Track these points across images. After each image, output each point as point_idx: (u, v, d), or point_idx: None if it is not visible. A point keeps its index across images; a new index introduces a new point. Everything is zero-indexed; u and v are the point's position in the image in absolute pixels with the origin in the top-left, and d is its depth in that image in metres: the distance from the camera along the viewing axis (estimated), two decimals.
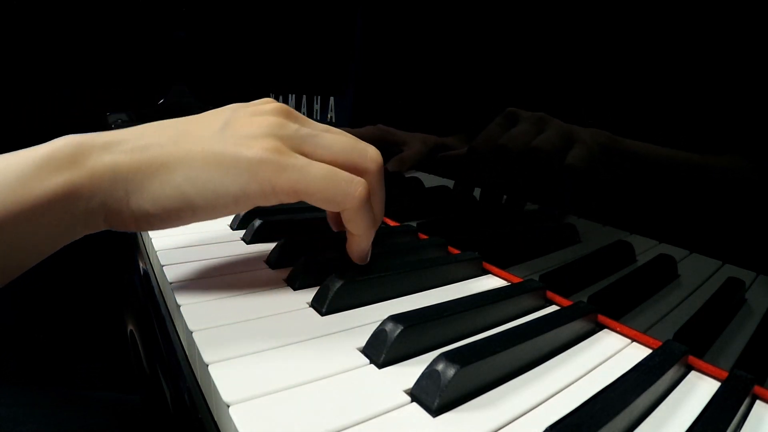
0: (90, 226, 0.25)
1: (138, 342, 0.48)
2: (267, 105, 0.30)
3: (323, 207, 0.28)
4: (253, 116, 0.28)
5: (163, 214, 0.26)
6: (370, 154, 0.30)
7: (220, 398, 0.21)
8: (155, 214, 0.26)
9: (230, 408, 0.21)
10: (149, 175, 0.25)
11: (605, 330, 0.31)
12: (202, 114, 0.30)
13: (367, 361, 0.25)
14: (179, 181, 0.25)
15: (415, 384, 0.23)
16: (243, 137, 0.26)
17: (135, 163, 0.25)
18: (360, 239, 0.31)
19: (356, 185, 0.28)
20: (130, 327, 0.54)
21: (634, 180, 0.32)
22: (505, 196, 0.43)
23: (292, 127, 0.28)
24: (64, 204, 0.24)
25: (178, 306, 0.30)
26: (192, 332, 0.27)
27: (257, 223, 0.42)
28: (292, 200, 0.27)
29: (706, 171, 0.28)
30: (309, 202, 0.28)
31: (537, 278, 0.36)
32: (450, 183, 0.51)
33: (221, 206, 0.26)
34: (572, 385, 0.25)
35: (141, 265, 0.49)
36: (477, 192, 0.47)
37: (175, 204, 0.25)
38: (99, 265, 0.87)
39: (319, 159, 0.28)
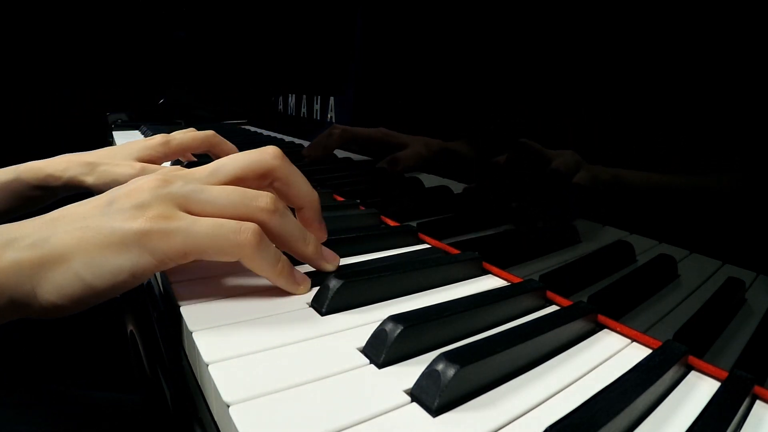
0: (1, 319, 0.26)
1: (138, 342, 0.47)
2: (149, 176, 0.30)
3: (218, 260, 0.29)
4: (138, 186, 0.29)
5: (68, 302, 0.26)
6: (260, 204, 0.30)
7: (220, 398, 0.21)
8: (61, 304, 0.26)
9: (230, 408, 0.21)
10: (50, 268, 0.26)
11: (605, 330, 0.31)
12: (90, 198, 0.31)
13: (367, 361, 0.25)
14: (77, 268, 0.26)
15: (415, 384, 0.23)
16: (129, 209, 0.27)
17: (36, 259, 0.26)
18: (272, 280, 0.31)
19: (244, 233, 0.28)
20: (130, 327, 0.54)
21: (634, 182, 0.32)
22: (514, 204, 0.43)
23: (176, 185, 0.29)
24: None
25: (179, 306, 0.30)
26: (192, 332, 0.27)
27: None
28: (187, 261, 0.28)
29: (706, 171, 0.28)
30: (204, 258, 0.28)
31: (537, 278, 0.36)
32: (450, 183, 0.52)
33: (120, 284, 0.27)
34: (572, 385, 0.25)
35: None
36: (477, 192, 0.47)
37: (77, 291, 0.26)
38: None
39: (207, 215, 0.29)
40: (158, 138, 0.54)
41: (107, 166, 0.50)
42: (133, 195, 0.28)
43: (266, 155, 0.32)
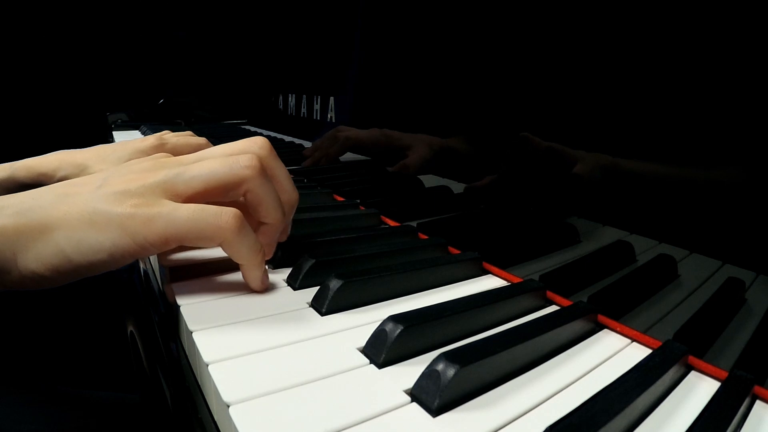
0: None
1: (138, 342, 0.48)
2: (143, 161, 0.31)
3: (200, 245, 0.30)
4: (127, 173, 0.30)
5: (47, 272, 0.27)
6: (242, 161, 0.30)
7: (220, 398, 0.21)
8: (41, 274, 0.27)
9: (230, 408, 0.21)
10: (32, 237, 0.27)
11: (605, 330, 0.31)
12: (84, 177, 0.32)
13: (367, 361, 0.25)
14: (58, 240, 0.27)
15: (415, 384, 0.23)
16: (116, 194, 0.28)
17: (20, 226, 0.27)
18: (248, 267, 0.31)
19: (225, 217, 0.28)
20: (130, 327, 0.54)
21: (634, 182, 0.32)
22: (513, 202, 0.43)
23: (162, 173, 0.30)
24: None
25: (179, 306, 0.30)
26: (192, 332, 0.27)
27: None
28: (167, 248, 0.29)
29: (706, 171, 0.28)
30: (186, 245, 0.29)
31: (537, 278, 0.36)
32: (450, 183, 0.52)
33: (98, 262, 0.28)
34: (572, 385, 0.25)
35: (141, 265, 0.49)
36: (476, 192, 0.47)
37: (56, 262, 0.27)
38: None
39: (193, 192, 0.29)
40: (151, 140, 0.55)
41: (96, 170, 0.51)
42: (123, 182, 0.29)
43: (241, 162, 0.31)
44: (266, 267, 0.34)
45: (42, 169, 0.52)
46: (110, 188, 0.29)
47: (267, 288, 0.33)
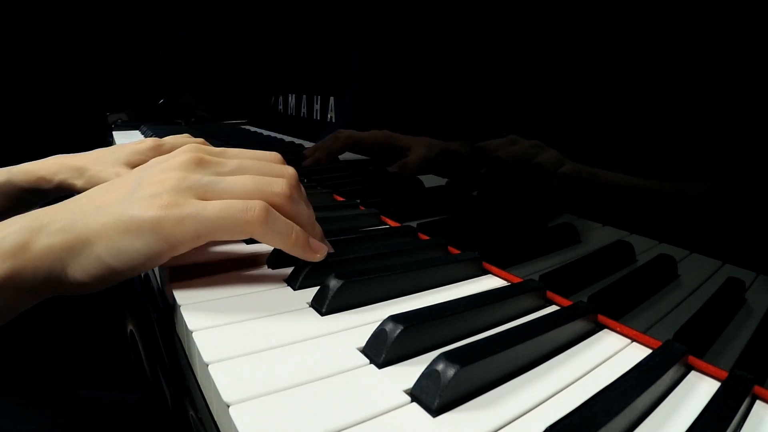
0: (40, 296, 0.29)
1: (138, 342, 0.48)
2: (177, 158, 0.32)
3: (232, 239, 0.30)
4: (161, 173, 0.31)
5: (92, 280, 0.29)
6: (275, 189, 0.32)
7: (220, 398, 0.21)
8: (88, 282, 0.29)
9: (230, 408, 0.21)
10: (77, 252, 0.28)
11: (605, 330, 0.31)
12: (120, 178, 0.34)
13: (367, 361, 0.25)
14: (99, 252, 0.28)
15: (415, 384, 0.23)
16: (147, 197, 0.29)
17: (66, 243, 0.28)
18: (288, 249, 0.32)
19: (251, 211, 0.30)
20: (130, 327, 0.54)
21: (634, 181, 0.32)
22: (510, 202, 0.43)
23: (194, 178, 0.31)
24: (12, 284, 0.27)
25: (178, 306, 0.30)
26: (192, 332, 0.27)
27: None
28: (199, 244, 0.30)
29: (706, 171, 0.28)
30: (217, 240, 0.30)
31: (537, 278, 0.36)
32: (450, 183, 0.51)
33: (138, 266, 0.29)
34: (572, 385, 0.25)
35: None
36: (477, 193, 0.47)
37: (100, 272, 0.29)
38: None
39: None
40: (149, 142, 0.55)
41: (95, 172, 0.51)
42: (155, 183, 0.30)
43: (273, 190, 0.32)
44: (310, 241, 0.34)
45: (41, 173, 0.52)
46: (143, 191, 0.30)
47: (323, 254, 0.34)
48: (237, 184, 0.31)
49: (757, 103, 0.25)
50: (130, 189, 0.31)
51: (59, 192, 0.53)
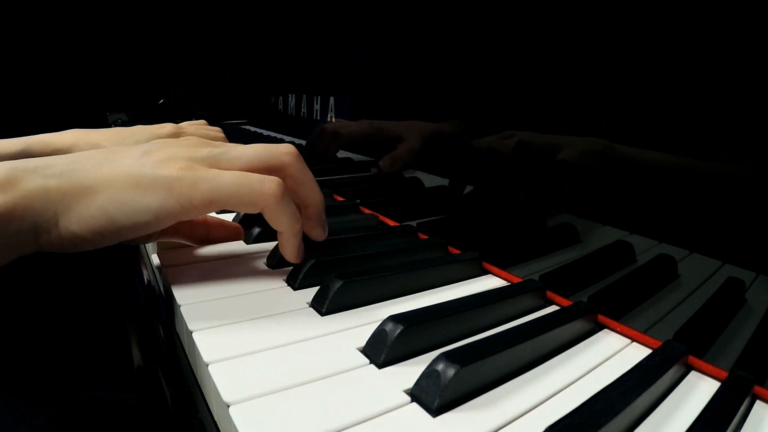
0: (21, 249, 0.27)
1: (138, 342, 0.47)
2: (186, 140, 0.33)
3: (242, 210, 0.31)
4: (171, 147, 0.31)
5: (88, 234, 0.27)
6: (281, 149, 0.32)
7: (220, 398, 0.21)
8: (81, 235, 0.27)
9: (230, 408, 0.21)
10: (76, 198, 0.27)
11: (605, 330, 0.31)
12: (125, 147, 0.33)
13: (367, 361, 0.25)
14: (102, 201, 0.27)
15: (415, 384, 0.23)
16: (162, 160, 0.29)
17: (63, 187, 0.27)
18: (287, 236, 0.33)
19: (269, 183, 0.30)
20: (130, 327, 0.54)
21: (634, 181, 0.32)
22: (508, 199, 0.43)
23: (205, 150, 0.31)
24: None
25: (179, 306, 0.30)
26: (192, 332, 0.27)
27: (256, 231, 0.42)
28: (210, 211, 0.30)
29: (706, 171, 0.28)
30: (229, 209, 0.30)
31: (537, 278, 0.36)
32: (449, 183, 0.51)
33: (143, 223, 0.28)
34: (572, 385, 0.25)
35: (141, 265, 0.49)
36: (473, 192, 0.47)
37: (100, 223, 0.27)
38: (99, 265, 0.87)
39: (235, 169, 0.31)
40: (168, 127, 0.54)
41: None
42: (168, 152, 0.30)
43: (281, 149, 0.33)
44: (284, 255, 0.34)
45: (58, 144, 0.51)
46: (155, 156, 0.29)
47: (301, 259, 0.34)
48: (247, 150, 0.32)
49: (756, 102, 0.25)
50: (138, 154, 0.30)
51: None
